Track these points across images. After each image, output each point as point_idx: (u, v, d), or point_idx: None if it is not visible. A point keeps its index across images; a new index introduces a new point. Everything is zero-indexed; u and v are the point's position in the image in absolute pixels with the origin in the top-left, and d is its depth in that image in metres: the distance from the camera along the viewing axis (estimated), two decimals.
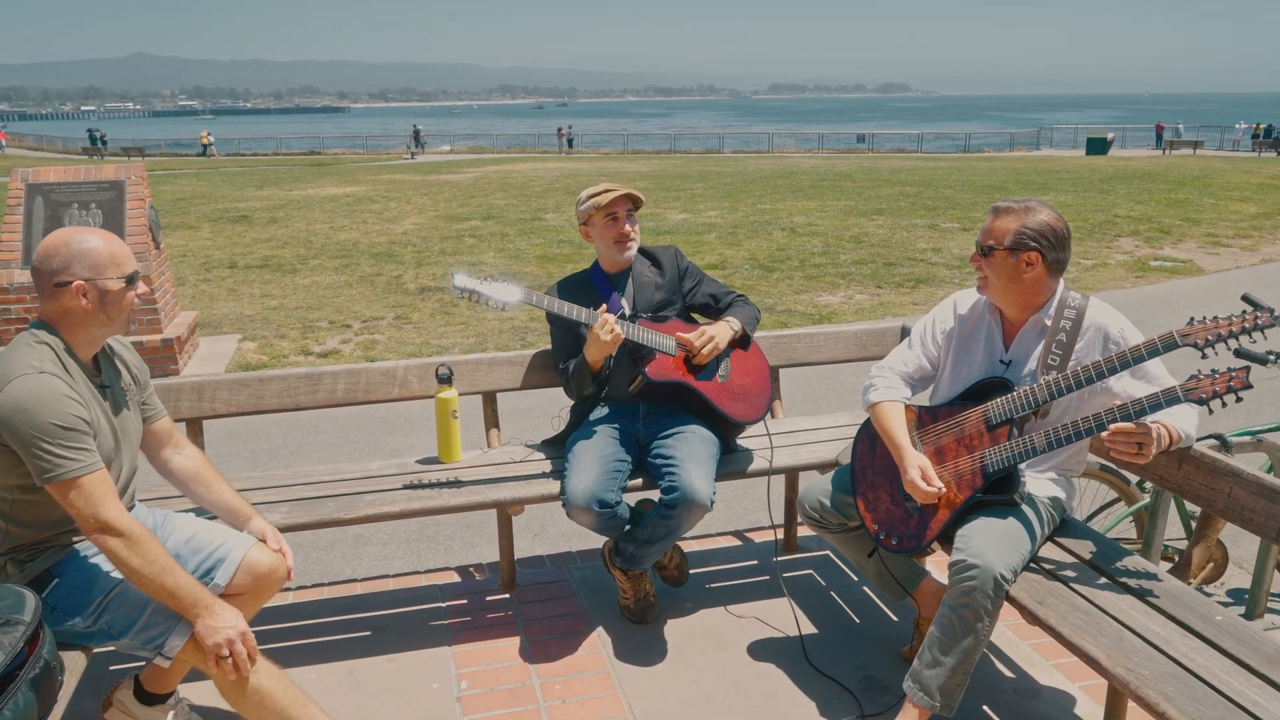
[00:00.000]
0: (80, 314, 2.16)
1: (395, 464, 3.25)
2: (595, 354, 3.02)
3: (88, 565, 2.24)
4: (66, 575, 2.22)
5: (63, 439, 2.04)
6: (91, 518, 2.06)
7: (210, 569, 2.35)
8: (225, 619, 2.16)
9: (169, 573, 2.11)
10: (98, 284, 2.16)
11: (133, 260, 2.24)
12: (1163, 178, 23.10)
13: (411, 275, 11.17)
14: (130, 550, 2.07)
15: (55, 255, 2.14)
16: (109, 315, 2.19)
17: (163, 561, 2.11)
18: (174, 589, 2.12)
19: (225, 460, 5.30)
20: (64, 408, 2.05)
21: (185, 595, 2.13)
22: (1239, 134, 41.12)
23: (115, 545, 2.06)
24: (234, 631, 2.16)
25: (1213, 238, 13.33)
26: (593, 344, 2.98)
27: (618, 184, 3.17)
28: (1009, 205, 2.52)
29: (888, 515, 2.64)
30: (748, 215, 16.45)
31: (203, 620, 2.14)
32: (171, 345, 7.03)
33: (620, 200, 3.12)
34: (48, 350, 2.12)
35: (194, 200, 20.65)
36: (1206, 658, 2.08)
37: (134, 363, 2.44)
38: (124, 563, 2.08)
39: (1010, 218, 2.49)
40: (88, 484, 2.06)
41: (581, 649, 3.06)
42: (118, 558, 2.07)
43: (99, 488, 2.07)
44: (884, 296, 9.68)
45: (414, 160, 38.51)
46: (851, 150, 45.46)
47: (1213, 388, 2.24)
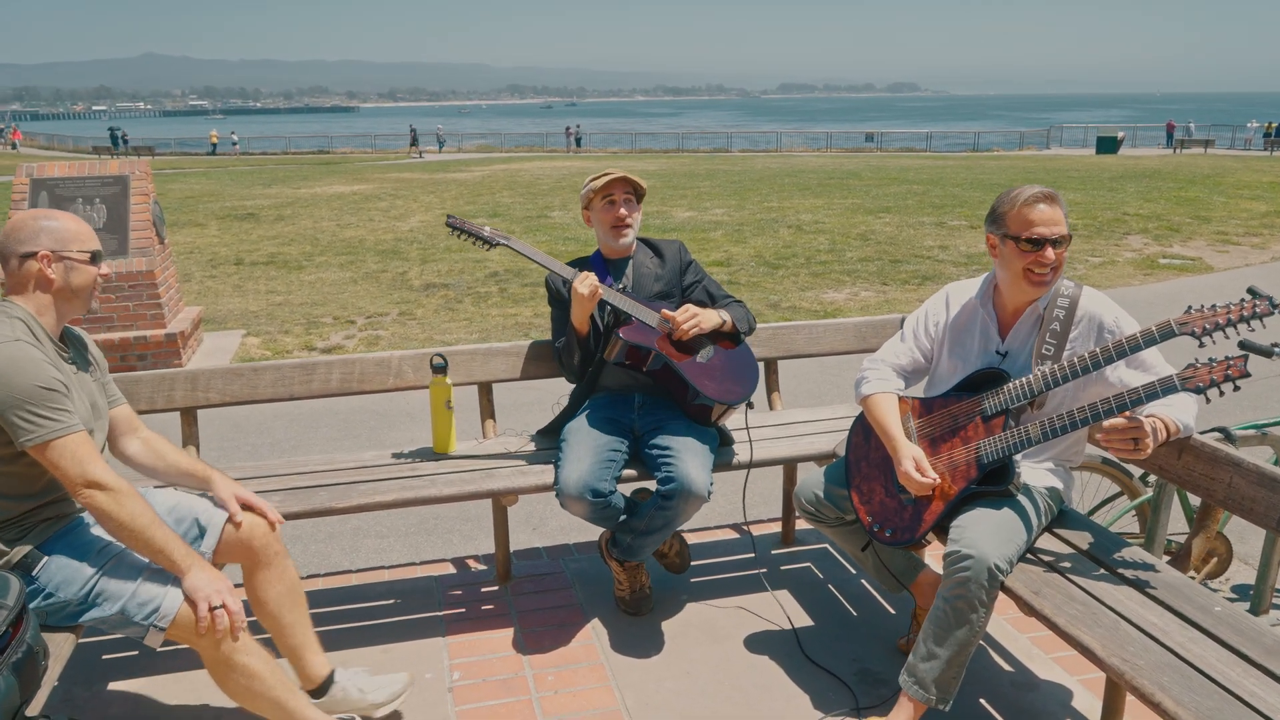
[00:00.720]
0: (45, 285, 2.21)
1: (389, 454, 3.23)
2: (578, 313, 3.03)
3: (79, 542, 2.25)
4: (57, 552, 2.22)
5: (45, 400, 2.08)
6: (79, 476, 2.09)
7: (195, 538, 2.39)
8: (213, 574, 2.20)
9: (156, 526, 2.15)
10: (63, 254, 2.22)
11: (96, 240, 2.30)
12: (1173, 176, 22.97)
13: (416, 272, 11.16)
14: (117, 504, 2.10)
15: (22, 229, 2.21)
16: (73, 289, 2.25)
17: (149, 515, 2.14)
18: (162, 543, 2.15)
19: (226, 454, 5.30)
20: (43, 370, 2.10)
21: (174, 549, 2.16)
22: (1250, 133, 40.86)
23: (103, 500, 2.10)
24: (223, 584, 2.18)
25: (1222, 236, 13.23)
26: (575, 303, 3.00)
27: (620, 169, 3.15)
28: (1051, 192, 2.46)
29: (882, 508, 2.61)
30: (754, 213, 16.40)
31: (192, 575, 2.17)
32: (175, 340, 7.04)
33: (617, 184, 3.11)
34: (19, 323, 2.16)
35: (202, 198, 20.71)
36: (1204, 648, 2.05)
37: (94, 351, 2.49)
38: (112, 517, 2.11)
39: (1059, 204, 2.46)
40: (71, 444, 2.10)
41: (575, 640, 3.03)
42: (105, 513, 2.10)
43: (82, 447, 2.11)
44: (890, 293, 9.64)
45: (422, 160, 38.56)
46: (860, 149, 45.34)
47: (1210, 376, 2.20)
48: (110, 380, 2.53)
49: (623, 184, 3.13)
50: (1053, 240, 2.43)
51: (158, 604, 2.16)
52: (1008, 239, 2.47)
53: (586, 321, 3.09)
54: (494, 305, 9.25)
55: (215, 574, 2.21)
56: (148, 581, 2.19)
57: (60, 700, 2.75)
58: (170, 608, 2.16)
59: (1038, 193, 2.45)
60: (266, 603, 2.45)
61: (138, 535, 2.13)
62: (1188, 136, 39.37)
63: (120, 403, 2.53)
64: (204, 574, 2.19)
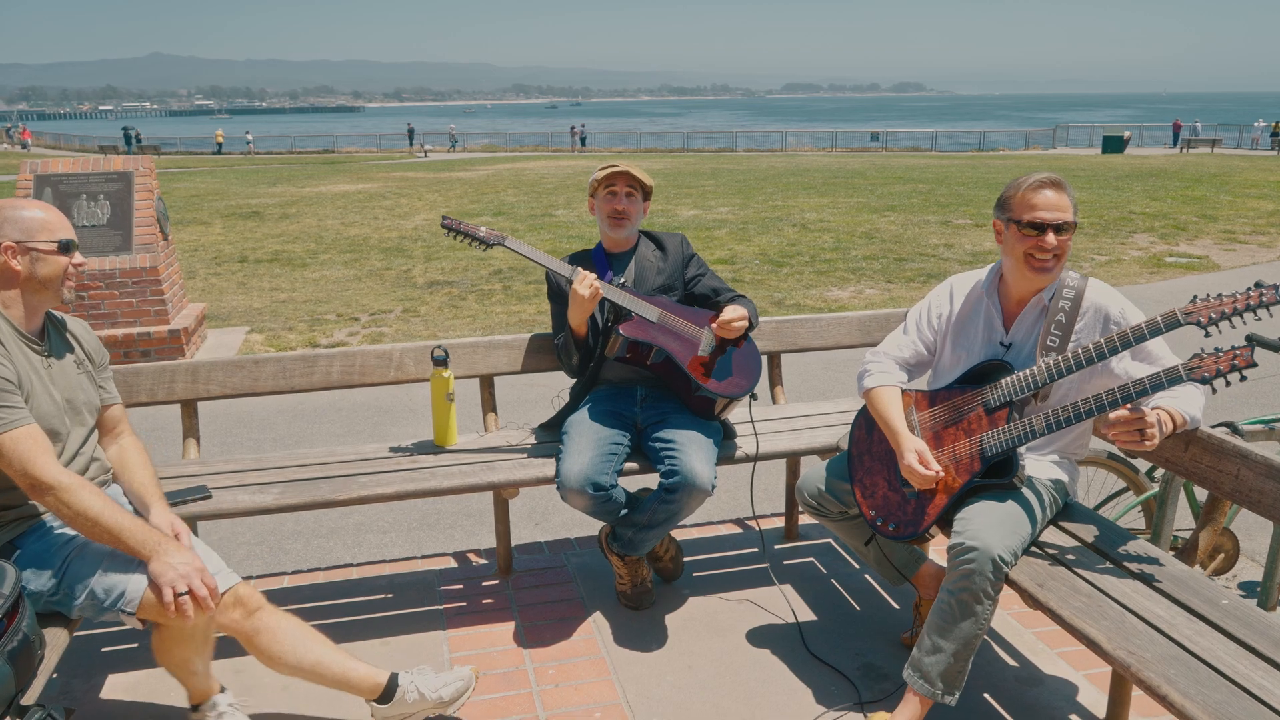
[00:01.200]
0: (12, 276, 2.18)
1: (390, 446, 3.22)
2: (576, 315, 3.01)
3: (50, 531, 2.24)
4: (29, 543, 2.21)
5: None
6: (21, 475, 2.06)
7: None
8: (181, 556, 2.14)
9: (108, 515, 2.10)
10: (28, 245, 2.18)
11: (68, 229, 2.26)
12: (1179, 175, 22.89)
13: (421, 270, 11.16)
14: (64, 500, 2.07)
15: None
16: (42, 280, 2.21)
17: (98, 506, 2.10)
18: (118, 531, 2.11)
19: (229, 448, 5.29)
20: None
21: (133, 535, 2.12)
22: (1258, 132, 40.68)
23: (49, 500, 2.07)
24: (188, 568, 2.13)
25: (1229, 234, 13.18)
26: (573, 304, 2.98)
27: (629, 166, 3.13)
28: (1056, 178, 2.44)
29: (885, 501, 2.59)
30: (759, 211, 16.38)
31: (156, 560, 2.12)
32: (179, 336, 7.03)
33: (619, 176, 3.09)
34: None
35: (207, 197, 20.74)
36: (1211, 641, 2.02)
37: (90, 344, 2.45)
38: (61, 512, 2.08)
39: (1067, 191, 2.44)
40: (10, 440, 2.06)
41: (577, 634, 3.02)
42: (58, 510, 2.08)
43: (23, 443, 2.07)
44: (894, 291, 9.61)
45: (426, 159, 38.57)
46: (865, 149, 45.26)
47: (1216, 366, 2.17)
48: (109, 377, 2.49)
49: (626, 178, 3.11)
50: (1055, 226, 2.40)
51: (122, 589, 2.12)
52: (1011, 223, 2.46)
53: (584, 325, 3.08)
54: (498, 302, 9.24)
55: (182, 555, 2.14)
56: (110, 568, 2.15)
57: (59, 692, 2.74)
58: (135, 593, 2.12)
59: (1044, 178, 2.43)
60: (281, 661, 2.32)
61: (94, 526, 2.09)
62: (1194, 136, 39.20)
63: (112, 402, 2.48)
64: (167, 557, 2.12)
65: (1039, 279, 2.47)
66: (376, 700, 2.39)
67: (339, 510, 4.42)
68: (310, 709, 2.64)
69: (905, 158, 35.25)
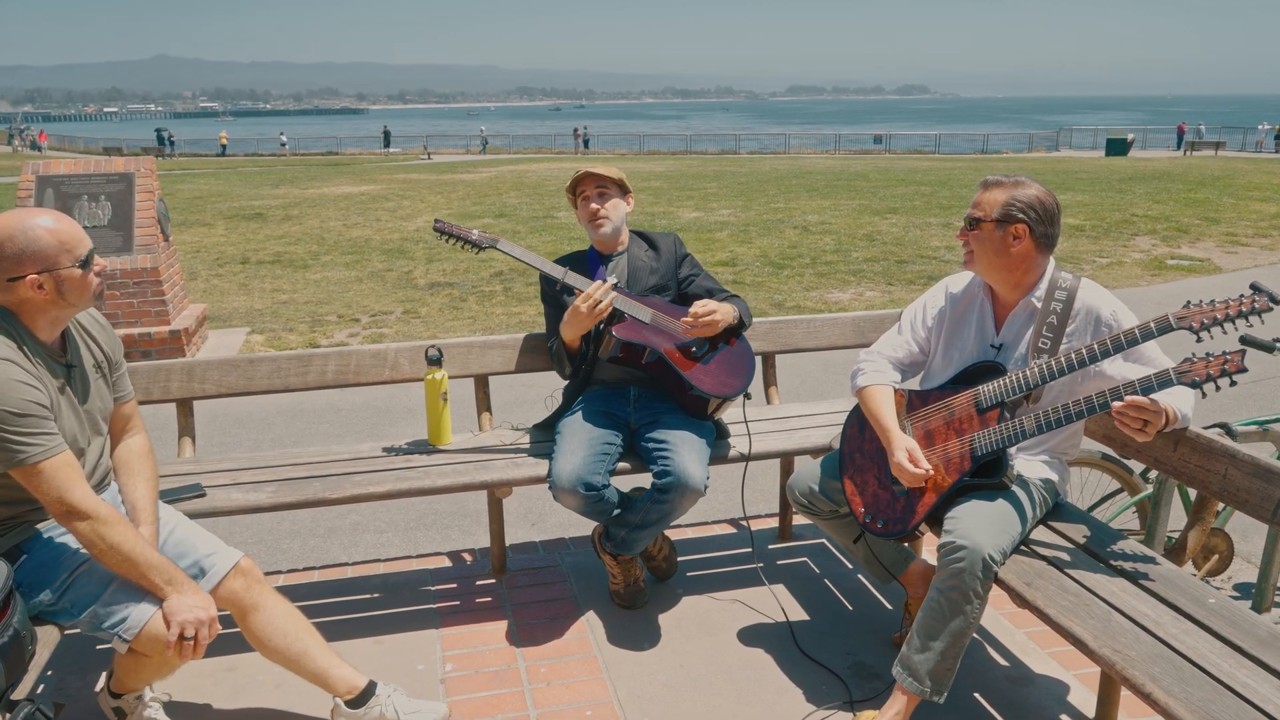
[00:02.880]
0: (41, 303, 2.12)
1: (384, 446, 3.23)
2: (571, 331, 3.01)
3: (56, 541, 2.22)
4: (35, 550, 2.20)
5: (20, 425, 2.00)
6: (57, 502, 2.03)
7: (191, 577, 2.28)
8: (198, 599, 2.13)
9: (141, 551, 2.09)
10: (53, 274, 2.11)
11: (84, 241, 2.17)
12: (1182, 178, 22.86)
13: (422, 271, 11.18)
14: (98, 533, 2.05)
15: (6, 245, 2.07)
16: (69, 300, 2.15)
17: (133, 541, 2.08)
18: (146, 568, 2.09)
19: (226, 448, 5.31)
20: (18, 394, 2.01)
21: (158, 573, 2.10)
22: (1262, 135, 40.63)
23: (84, 529, 2.04)
24: (204, 614, 2.12)
25: (1231, 237, 13.16)
26: (571, 320, 2.97)
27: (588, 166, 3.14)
28: (999, 179, 2.48)
29: (874, 499, 2.59)
30: (761, 214, 16.38)
31: (174, 597, 2.11)
32: (179, 336, 7.06)
33: (584, 180, 3.11)
34: (2, 337, 2.07)
35: (210, 198, 20.78)
36: (1197, 639, 2.03)
37: (106, 341, 2.40)
38: (93, 545, 2.06)
39: (1000, 190, 2.45)
40: (49, 468, 2.03)
41: (569, 633, 3.02)
42: (87, 540, 2.05)
43: (61, 471, 2.04)
44: (895, 293, 9.61)
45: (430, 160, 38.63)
46: (868, 151, 45.26)
47: (1207, 371, 2.18)
48: (124, 374, 2.45)
49: (590, 179, 3.12)
50: (966, 220, 2.51)
51: (125, 615, 2.10)
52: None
53: (578, 340, 3.08)
54: (498, 304, 9.25)
55: (200, 599, 2.13)
56: (117, 592, 2.13)
57: (54, 688, 2.76)
58: (137, 621, 2.10)
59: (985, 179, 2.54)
60: (269, 642, 2.34)
61: (120, 562, 2.07)
62: (1198, 138, 39.19)
63: (127, 399, 2.46)
64: (186, 598, 2.11)
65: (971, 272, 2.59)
66: (349, 703, 2.39)
67: (336, 510, 4.44)
68: (302, 707, 2.65)
69: (908, 160, 35.24)
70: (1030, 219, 2.43)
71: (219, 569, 2.32)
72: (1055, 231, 2.48)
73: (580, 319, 2.95)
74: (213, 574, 2.31)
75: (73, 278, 2.14)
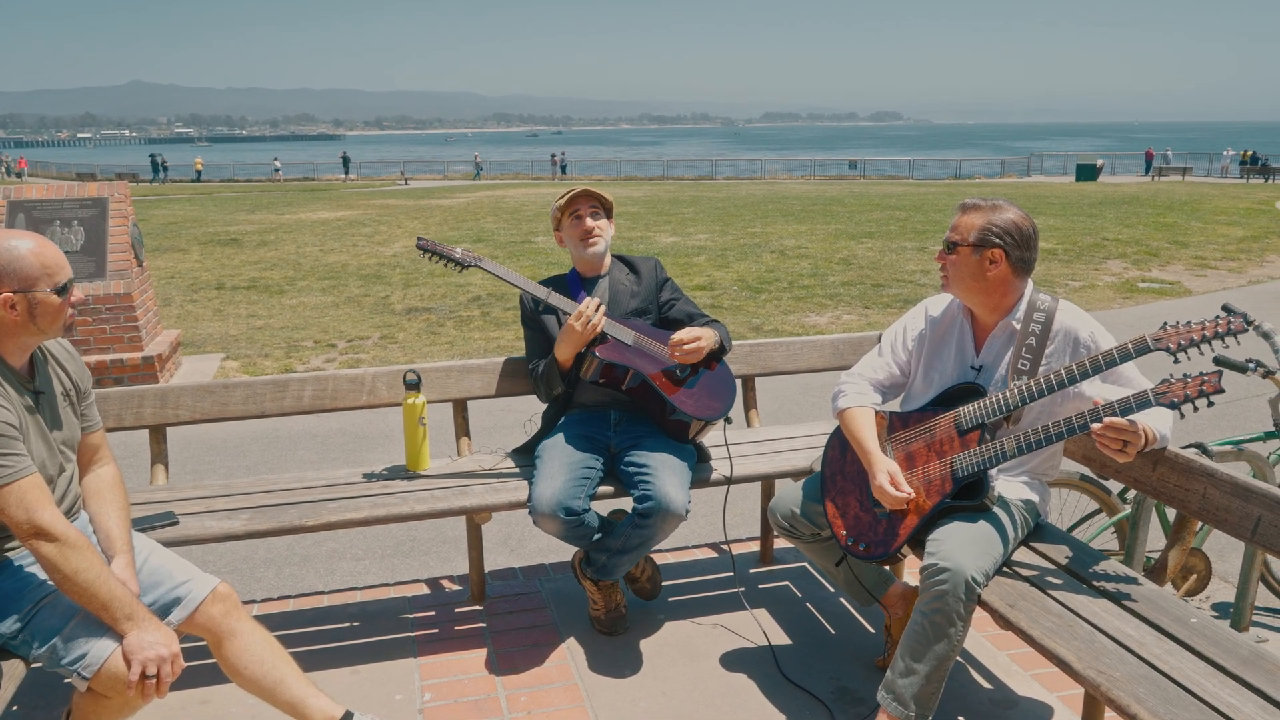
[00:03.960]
0: (10, 325, 2.09)
1: (361, 472, 3.19)
2: (566, 349, 3.00)
3: (23, 570, 2.17)
4: (3, 578, 2.14)
5: None
6: (25, 523, 1.98)
7: (165, 604, 2.25)
8: (160, 635, 2.06)
9: (102, 582, 2.03)
10: (28, 296, 2.08)
11: (66, 268, 2.15)
12: (1151, 202, 23.23)
13: (399, 296, 11.13)
14: (64, 556, 1.99)
15: None
16: (40, 326, 2.12)
17: (95, 570, 2.02)
18: (107, 599, 2.03)
19: (200, 475, 5.23)
20: None
21: (119, 606, 2.03)
22: (1227, 160, 41.44)
23: (49, 551, 1.99)
24: (166, 650, 2.05)
25: (1200, 260, 13.37)
26: (566, 337, 2.96)
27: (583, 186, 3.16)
28: (976, 202, 2.50)
29: (856, 522, 2.59)
30: (738, 238, 16.47)
31: (135, 634, 2.04)
32: (152, 363, 6.97)
33: (580, 198, 3.12)
34: None
35: (185, 224, 20.64)
36: (1180, 660, 2.03)
37: (74, 370, 2.36)
38: (57, 569, 1.99)
39: (977, 214, 2.47)
40: (18, 490, 1.98)
41: (550, 661, 2.98)
42: (51, 564, 1.99)
43: (31, 492, 2.00)
44: (872, 316, 9.66)
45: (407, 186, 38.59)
46: (843, 176, 45.69)
47: (1184, 391, 2.19)
48: (92, 403, 2.41)
49: (586, 198, 3.13)
50: (945, 243, 2.52)
51: (84, 652, 2.04)
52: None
53: (571, 359, 3.06)
54: (476, 329, 9.22)
55: (162, 634, 2.06)
56: (79, 627, 2.06)
57: None
58: (97, 658, 2.03)
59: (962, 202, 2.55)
60: (244, 671, 2.28)
61: (83, 590, 2.01)
62: (1166, 164, 39.88)
63: (95, 429, 2.41)
64: (147, 635, 2.04)
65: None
66: None
67: (312, 537, 4.37)
68: None
69: (883, 185, 35.59)
70: (1006, 244, 2.44)
71: (196, 594, 2.27)
72: (1032, 256, 2.50)
73: (574, 336, 2.95)
74: (189, 600, 2.26)
75: (48, 303, 2.11)
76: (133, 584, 2.20)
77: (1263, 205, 22.45)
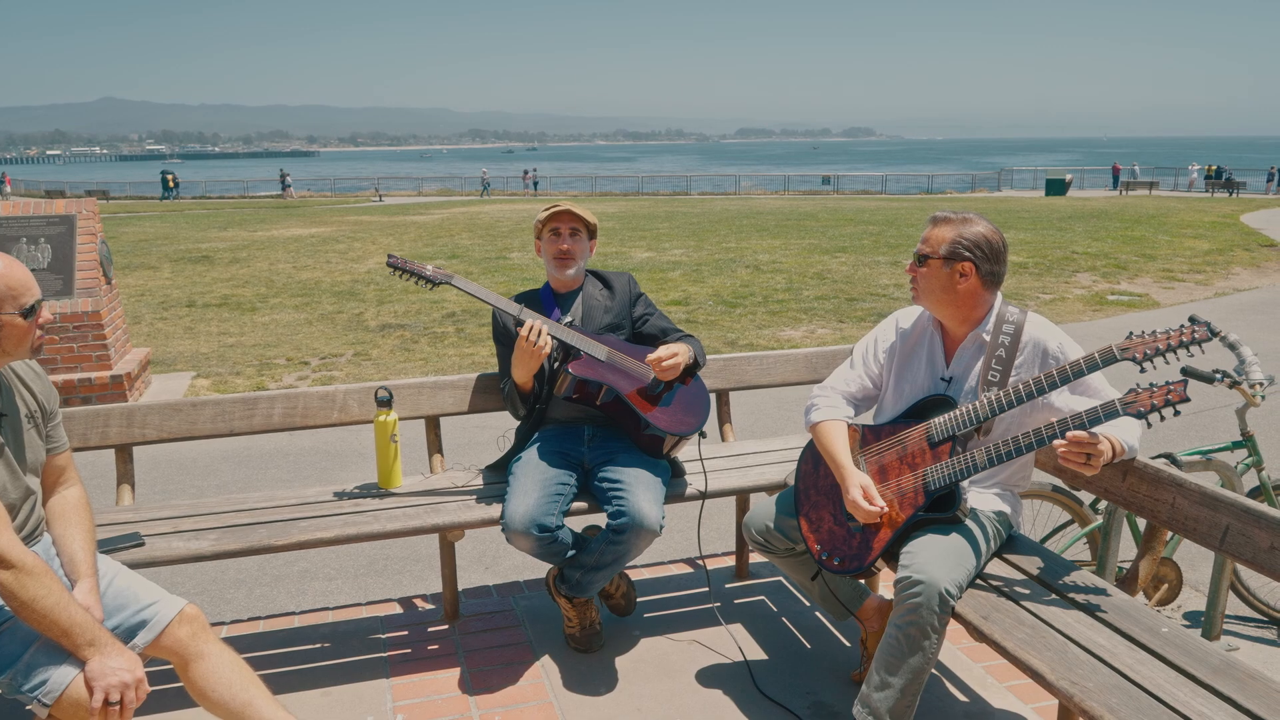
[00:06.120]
0: None
1: (332, 490, 3.15)
2: (521, 370, 2.98)
3: None
4: None
5: None
6: None
7: (131, 627, 2.20)
8: (123, 661, 2.01)
9: (63, 608, 1.98)
10: None
11: (33, 289, 2.10)
12: (1119, 216, 23.56)
13: (373, 313, 11.06)
14: (20, 583, 1.94)
15: None
16: (5, 349, 2.07)
17: (54, 597, 1.97)
18: (68, 626, 1.98)
19: (169, 496, 5.15)
20: None
21: (80, 632, 1.99)
22: (1193, 175, 42.12)
23: (5, 578, 1.94)
24: (129, 676, 2.00)
25: (1168, 273, 13.56)
26: (519, 359, 2.94)
27: (568, 204, 3.14)
28: (947, 215, 2.52)
29: (830, 536, 2.58)
30: (712, 254, 16.53)
31: (97, 660, 1.99)
32: (121, 382, 6.87)
33: (562, 216, 3.10)
34: None
35: (156, 241, 20.44)
36: (1152, 669, 2.04)
37: (41, 390, 2.31)
38: (14, 596, 1.95)
39: (947, 227, 2.49)
40: None
41: (524, 679, 2.95)
42: (7, 591, 1.94)
43: None
44: (846, 330, 9.71)
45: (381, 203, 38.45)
46: (817, 192, 46.01)
47: (1151, 401, 2.21)
48: (59, 424, 2.36)
49: (568, 217, 3.12)
50: (915, 256, 2.55)
51: (44, 679, 1.99)
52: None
53: (531, 380, 3.05)
54: (450, 345, 9.18)
55: (125, 660, 2.01)
56: (40, 653, 2.01)
57: None
58: (58, 685, 1.98)
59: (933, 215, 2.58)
60: (211, 694, 2.22)
61: (39, 617, 1.96)
62: (1133, 179, 40.50)
63: (61, 450, 2.36)
64: (110, 660, 1.99)
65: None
66: None
67: (283, 557, 4.32)
68: None
69: (856, 200, 35.87)
70: (976, 257, 2.46)
71: (163, 617, 2.23)
72: (1001, 269, 2.52)
73: (526, 358, 2.93)
74: (156, 622, 2.22)
75: (14, 325, 2.07)
76: (96, 609, 2.15)
77: (1227, 219, 22.83)
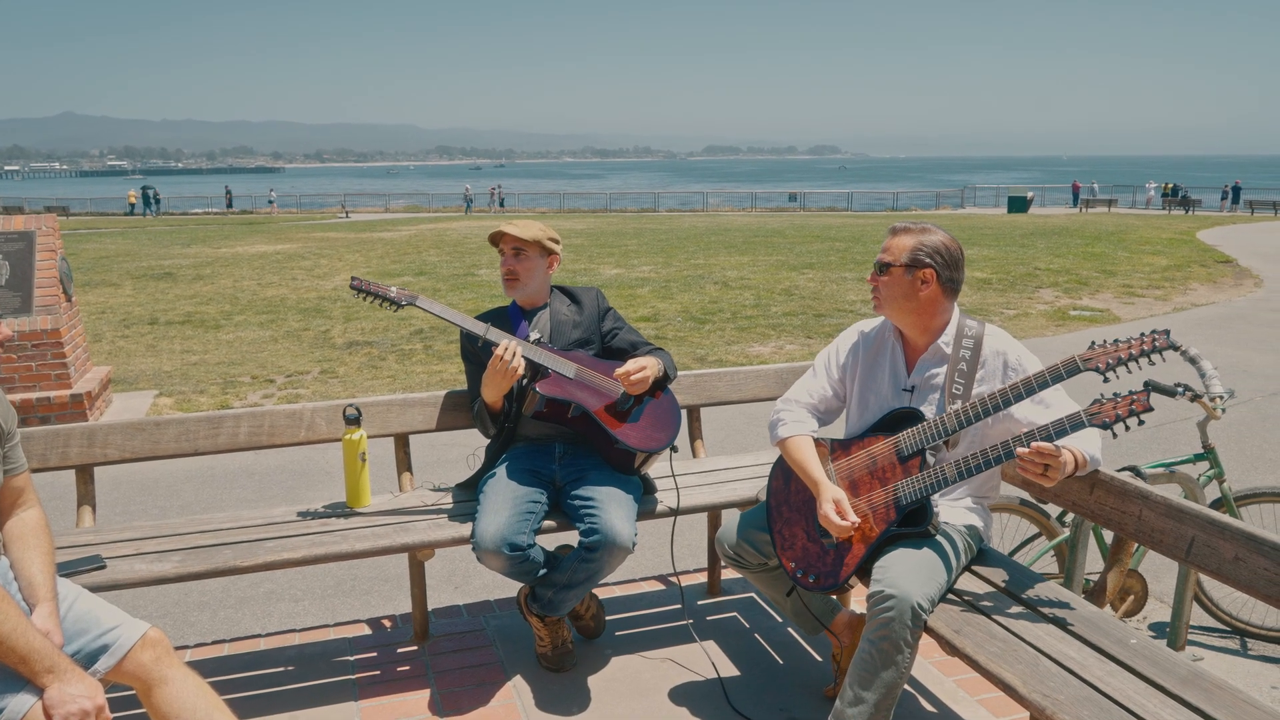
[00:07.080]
0: None
1: (299, 509, 3.10)
2: (492, 392, 2.96)
3: None
4: None
5: None
6: None
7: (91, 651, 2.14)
8: (82, 687, 1.96)
9: (20, 634, 1.92)
10: None
11: None
12: (1080, 233, 23.97)
13: (340, 330, 10.96)
14: None
15: None
16: None
17: (14, 622, 1.92)
18: (26, 653, 1.92)
19: (131, 517, 5.05)
20: None
21: (38, 659, 1.93)
22: (1150, 193, 43.01)
23: None
24: (89, 703, 1.95)
25: (1127, 288, 13.80)
26: (490, 379, 2.92)
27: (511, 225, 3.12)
28: (906, 225, 2.56)
29: (804, 553, 2.59)
30: (681, 270, 16.58)
31: (56, 687, 1.94)
32: (81, 400, 6.75)
33: (500, 237, 3.11)
34: None
35: (117, 258, 20.14)
36: (1122, 681, 2.05)
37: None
38: None
39: (908, 236, 2.53)
40: None
41: (495, 700, 2.92)
42: None
43: None
44: (814, 346, 9.77)
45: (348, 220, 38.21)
46: (783, 209, 46.39)
47: (1115, 412, 2.24)
48: (17, 444, 2.30)
49: (506, 239, 3.11)
50: (876, 265, 2.58)
51: (2, 707, 1.93)
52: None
53: (500, 400, 3.03)
54: (418, 362, 9.11)
55: (85, 687, 1.96)
56: None
57: None
58: (15, 713, 1.92)
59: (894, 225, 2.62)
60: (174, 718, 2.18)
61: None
62: (1092, 196, 41.30)
63: (19, 471, 2.30)
64: (70, 687, 1.93)
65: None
66: None
67: (248, 579, 4.24)
68: None
69: (823, 217, 36.20)
70: (937, 264, 2.50)
71: (125, 641, 2.17)
72: (960, 277, 2.56)
73: (498, 378, 2.91)
74: (118, 646, 2.16)
75: None
76: (56, 634, 2.09)
77: (1184, 235, 23.31)
